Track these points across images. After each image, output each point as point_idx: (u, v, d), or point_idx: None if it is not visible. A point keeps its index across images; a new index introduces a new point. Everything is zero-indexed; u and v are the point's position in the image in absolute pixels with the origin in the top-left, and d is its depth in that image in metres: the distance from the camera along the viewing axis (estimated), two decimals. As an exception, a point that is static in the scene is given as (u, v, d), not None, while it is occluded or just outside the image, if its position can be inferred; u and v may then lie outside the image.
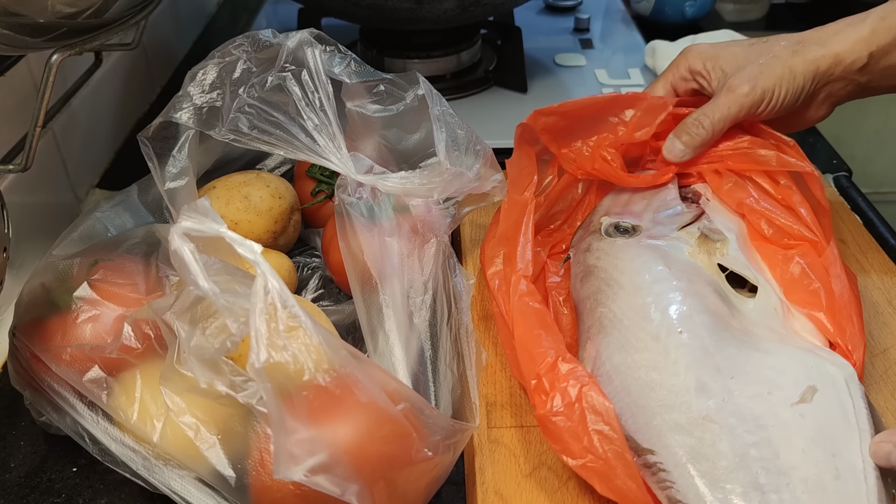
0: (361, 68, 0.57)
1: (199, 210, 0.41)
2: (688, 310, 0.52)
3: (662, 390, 0.48)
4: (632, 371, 0.50)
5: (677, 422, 0.46)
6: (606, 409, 0.45)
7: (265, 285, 0.39)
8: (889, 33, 0.59)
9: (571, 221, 0.67)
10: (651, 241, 0.59)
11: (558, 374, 0.47)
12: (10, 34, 0.47)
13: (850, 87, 0.62)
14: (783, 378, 0.48)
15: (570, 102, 0.63)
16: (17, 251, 0.61)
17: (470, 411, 0.52)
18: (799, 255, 0.56)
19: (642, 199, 0.63)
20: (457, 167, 0.56)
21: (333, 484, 0.39)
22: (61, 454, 0.53)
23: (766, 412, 0.46)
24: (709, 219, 0.61)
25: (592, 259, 0.59)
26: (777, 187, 0.60)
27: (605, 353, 0.52)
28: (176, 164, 0.54)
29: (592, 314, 0.55)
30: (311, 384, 0.40)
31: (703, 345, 0.50)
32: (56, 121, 0.72)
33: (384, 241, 0.54)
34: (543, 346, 0.49)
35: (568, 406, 0.46)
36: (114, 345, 0.47)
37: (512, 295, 0.53)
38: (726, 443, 0.45)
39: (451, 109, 0.58)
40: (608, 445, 0.44)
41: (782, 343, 0.51)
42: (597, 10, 1.17)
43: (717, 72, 0.62)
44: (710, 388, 0.47)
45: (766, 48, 0.61)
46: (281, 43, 0.56)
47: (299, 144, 0.54)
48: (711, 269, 0.56)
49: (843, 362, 0.50)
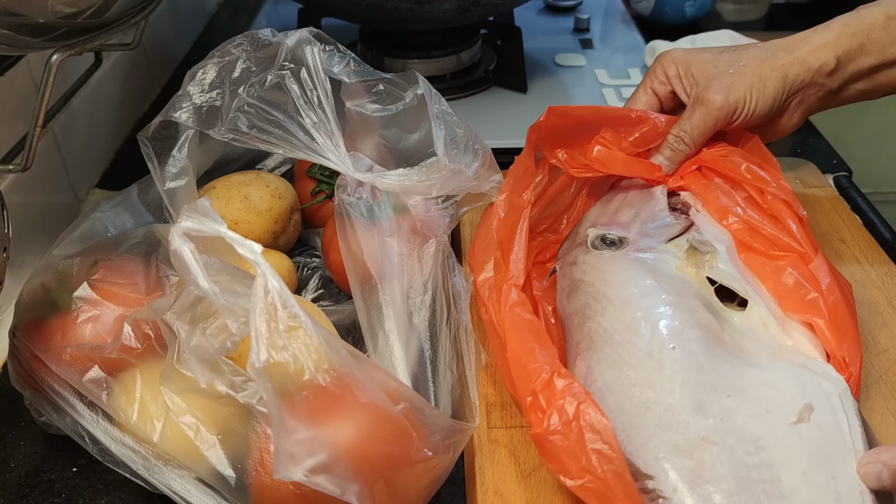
0: (360, 68, 0.57)
1: (199, 210, 0.41)
2: (679, 324, 0.51)
3: (659, 409, 0.47)
4: (626, 389, 0.49)
5: (675, 443, 0.45)
6: (605, 427, 0.43)
7: (265, 285, 0.39)
8: (853, 39, 0.60)
9: (555, 227, 0.66)
10: (638, 253, 0.58)
11: (554, 391, 0.45)
12: (10, 34, 0.47)
13: (821, 94, 0.63)
14: (779, 395, 0.47)
15: (584, 107, 0.64)
16: (17, 251, 0.61)
17: (470, 411, 0.52)
18: (789, 265, 0.56)
19: (630, 209, 0.63)
20: (456, 164, 0.56)
21: (333, 484, 0.39)
22: (61, 454, 0.53)
23: (765, 432, 0.45)
24: (698, 230, 0.60)
25: (579, 273, 0.58)
26: (763, 197, 0.60)
27: (597, 370, 0.50)
28: (176, 163, 0.54)
29: (581, 329, 0.54)
30: (311, 384, 0.40)
31: (697, 361, 0.49)
32: (56, 121, 0.72)
33: (384, 241, 0.54)
34: (538, 361, 0.47)
35: (565, 424, 0.44)
36: (114, 345, 0.47)
37: (503, 305, 0.52)
38: (726, 465, 0.44)
39: (449, 109, 0.58)
40: (607, 465, 0.43)
41: (774, 357, 0.51)
42: (597, 10, 1.17)
43: (689, 79, 0.63)
44: (707, 406, 0.46)
45: (736, 57, 0.62)
46: (280, 42, 0.56)
47: (298, 143, 0.54)
48: (700, 282, 0.56)
49: (836, 377, 0.49)
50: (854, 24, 0.60)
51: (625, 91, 0.93)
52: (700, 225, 0.61)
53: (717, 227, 0.61)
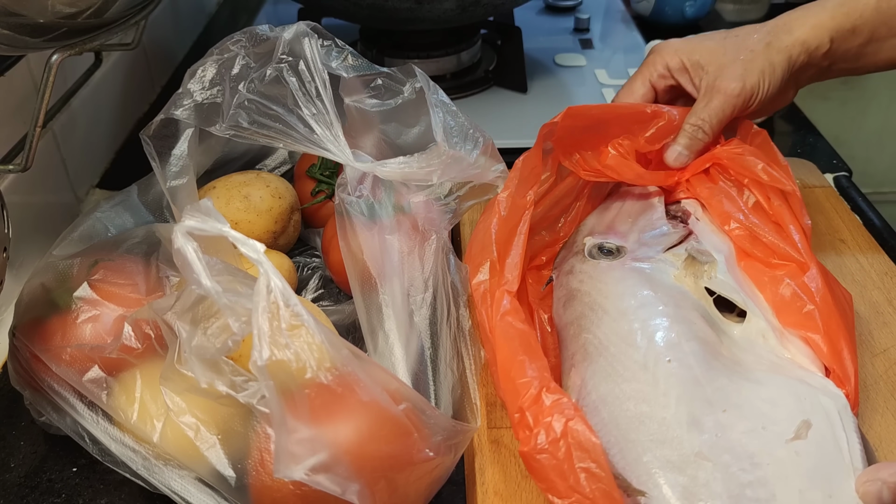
0: (358, 62, 0.57)
1: (202, 209, 0.41)
2: (676, 337, 0.51)
3: (653, 424, 0.46)
4: (620, 402, 0.48)
5: (668, 458, 0.45)
6: (593, 445, 0.43)
7: (268, 284, 0.39)
8: (847, 19, 0.61)
9: (552, 227, 0.65)
10: (636, 263, 0.57)
11: (542, 408, 0.44)
12: (10, 34, 0.47)
13: (813, 72, 0.64)
14: (776, 411, 0.47)
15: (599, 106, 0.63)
16: (17, 251, 0.61)
17: (471, 411, 0.52)
18: (787, 276, 0.55)
19: (628, 217, 0.62)
20: (455, 150, 0.55)
21: (334, 483, 0.39)
22: (61, 454, 0.53)
23: (760, 449, 0.45)
24: (697, 239, 0.59)
25: (575, 282, 0.57)
26: (769, 203, 0.59)
27: (592, 383, 0.50)
28: (177, 162, 0.54)
29: (576, 340, 0.53)
30: (313, 382, 0.40)
31: (693, 375, 0.48)
32: (56, 121, 0.71)
33: (384, 240, 0.54)
34: (527, 376, 0.46)
35: (553, 443, 0.43)
36: (114, 345, 0.47)
37: (495, 312, 0.51)
38: (720, 482, 0.43)
39: (448, 99, 0.58)
40: (595, 484, 0.42)
41: (773, 371, 0.50)
42: (597, 10, 1.17)
43: (697, 69, 0.63)
44: (702, 422, 0.46)
45: (741, 43, 0.62)
46: (277, 36, 0.56)
47: (297, 136, 0.54)
48: (698, 293, 0.55)
49: (836, 392, 0.49)
50: (848, 4, 0.61)
51: (625, 91, 0.93)
52: (699, 234, 0.60)
53: (717, 236, 0.60)
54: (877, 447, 0.49)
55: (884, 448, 0.50)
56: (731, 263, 0.58)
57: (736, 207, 0.60)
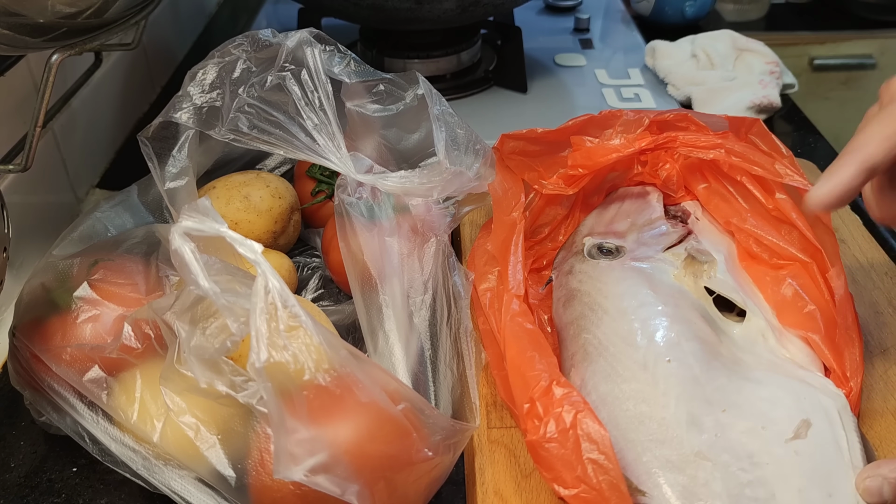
0: (361, 68, 0.57)
1: (199, 210, 0.41)
2: (675, 336, 0.51)
3: (652, 424, 0.47)
4: (619, 402, 0.48)
5: (668, 458, 0.45)
6: (602, 437, 0.43)
7: (266, 285, 0.39)
8: None
9: (554, 236, 0.65)
10: (635, 262, 0.57)
11: (552, 399, 0.45)
12: (10, 34, 0.47)
13: None
14: (776, 411, 0.47)
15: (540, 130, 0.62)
16: (17, 251, 0.61)
17: (470, 411, 0.52)
18: (790, 276, 0.55)
19: (626, 217, 0.62)
20: (456, 166, 0.56)
21: (333, 484, 0.39)
22: (61, 454, 0.53)
23: (760, 449, 0.45)
24: (696, 239, 0.59)
25: (575, 282, 0.57)
26: (771, 199, 0.58)
27: (591, 383, 0.50)
28: (176, 163, 0.54)
29: (576, 340, 0.53)
30: (311, 384, 0.40)
31: (693, 374, 0.48)
32: (56, 121, 0.72)
33: (384, 240, 0.54)
34: (537, 370, 0.47)
35: (562, 433, 0.44)
36: (114, 345, 0.47)
37: (504, 314, 0.52)
38: (720, 482, 0.43)
39: (450, 109, 0.58)
40: (603, 475, 0.42)
41: (773, 371, 0.50)
42: (597, 10, 1.17)
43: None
44: (701, 422, 0.46)
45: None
46: (280, 42, 0.56)
47: (299, 144, 0.54)
48: (698, 292, 0.55)
49: (836, 392, 0.49)
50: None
51: (625, 91, 0.93)
52: (699, 233, 0.60)
53: (717, 236, 0.60)
54: (877, 447, 0.49)
55: (884, 448, 0.50)
56: (730, 263, 0.58)
57: (738, 208, 0.60)
